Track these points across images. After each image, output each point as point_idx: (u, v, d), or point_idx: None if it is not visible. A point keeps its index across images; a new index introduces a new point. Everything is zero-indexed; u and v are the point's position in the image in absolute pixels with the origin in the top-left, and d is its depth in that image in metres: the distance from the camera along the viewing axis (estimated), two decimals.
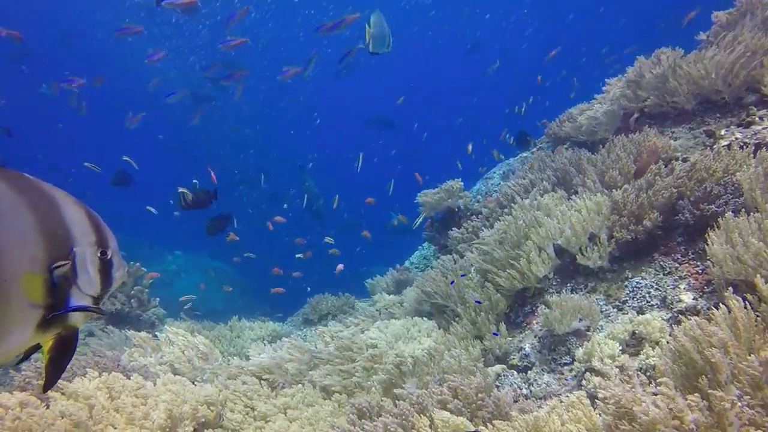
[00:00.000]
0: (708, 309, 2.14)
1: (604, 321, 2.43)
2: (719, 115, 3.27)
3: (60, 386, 1.75)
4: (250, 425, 1.98)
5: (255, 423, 1.99)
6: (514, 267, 2.88)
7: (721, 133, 3.00)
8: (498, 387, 2.32)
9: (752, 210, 2.26)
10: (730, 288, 1.90)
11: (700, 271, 2.35)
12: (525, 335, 2.70)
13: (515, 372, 2.46)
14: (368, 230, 6.90)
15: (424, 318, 2.99)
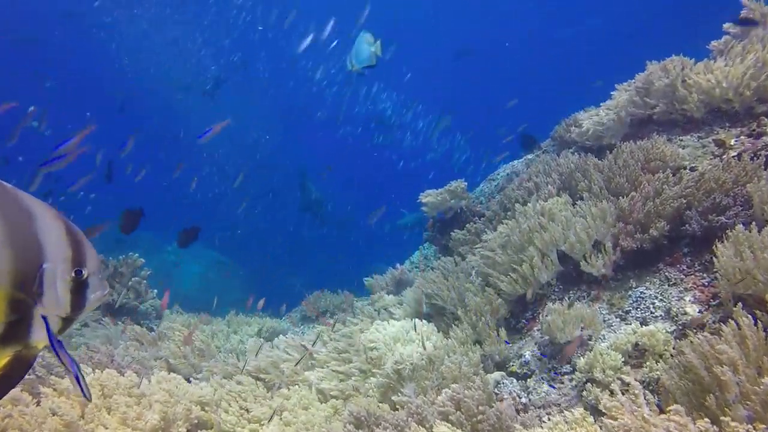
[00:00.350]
0: (714, 323, 2.10)
1: (607, 331, 2.39)
2: (729, 125, 3.23)
3: (52, 382, 1.72)
4: (244, 428, 1.95)
5: (249, 426, 1.96)
6: (517, 271, 2.85)
7: (731, 143, 2.96)
8: (496, 395, 2.29)
9: (762, 223, 2.22)
10: (739, 303, 1.87)
11: (706, 284, 2.31)
12: (525, 342, 2.67)
13: (514, 380, 2.42)
14: (365, 228, 6.86)
15: (424, 321, 2.96)
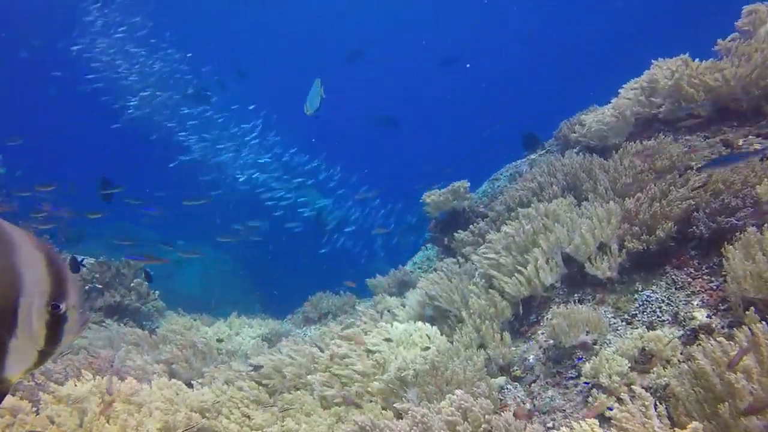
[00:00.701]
0: (723, 328, 2.07)
1: (613, 335, 2.36)
2: (737, 124, 3.18)
3: (51, 390, 1.70)
4: None
5: None
6: (521, 273, 2.81)
7: (739, 144, 2.92)
8: (500, 400, 2.26)
9: None
10: (752, 308, 1.83)
11: (715, 287, 2.28)
12: (529, 346, 2.64)
13: (518, 385, 2.39)
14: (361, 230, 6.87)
15: (427, 324, 2.93)
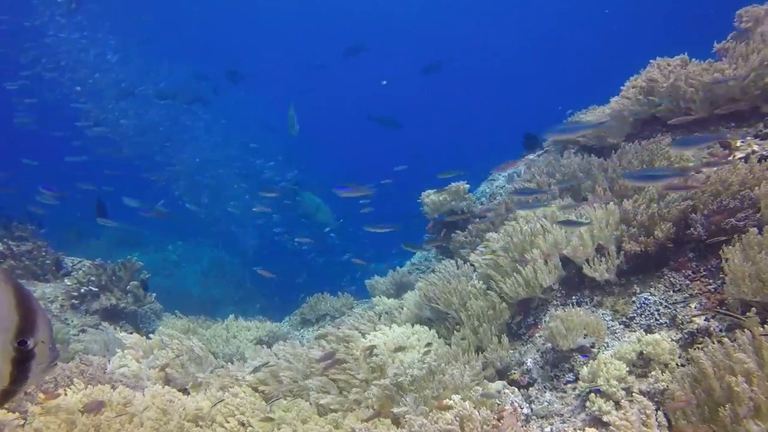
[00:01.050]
0: (721, 331, 2.05)
1: (611, 338, 2.35)
2: (734, 125, 3.16)
3: (39, 400, 1.68)
4: None
5: None
6: (519, 275, 2.80)
7: (737, 144, 2.90)
8: (498, 405, 2.24)
9: None
10: (753, 309, 1.82)
11: (713, 290, 2.26)
12: (527, 348, 2.62)
13: (516, 389, 2.37)
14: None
15: (425, 327, 2.92)
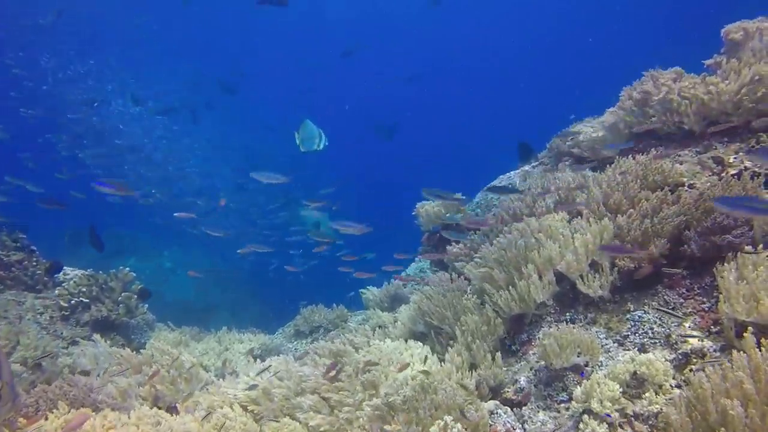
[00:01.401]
0: (715, 351, 2.04)
1: (605, 357, 2.33)
2: (727, 139, 3.16)
3: (20, 426, 1.65)
4: None
5: None
6: (513, 290, 2.78)
7: (730, 161, 2.90)
8: (491, 426, 2.22)
9: (764, 245, 2.16)
10: (749, 328, 1.80)
11: (707, 309, 2.25)
12: (521, 366, 2.60)
13: (509, 409, 2.35)
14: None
15: (419, 342, 2.89)
